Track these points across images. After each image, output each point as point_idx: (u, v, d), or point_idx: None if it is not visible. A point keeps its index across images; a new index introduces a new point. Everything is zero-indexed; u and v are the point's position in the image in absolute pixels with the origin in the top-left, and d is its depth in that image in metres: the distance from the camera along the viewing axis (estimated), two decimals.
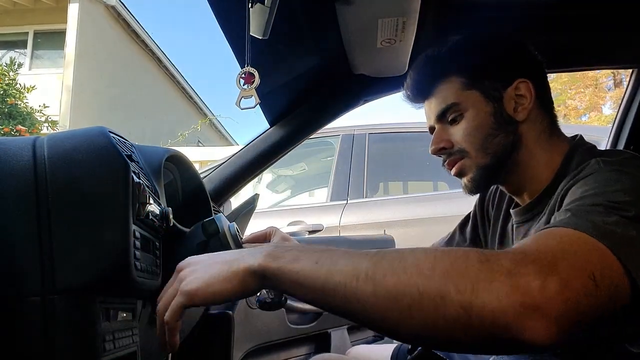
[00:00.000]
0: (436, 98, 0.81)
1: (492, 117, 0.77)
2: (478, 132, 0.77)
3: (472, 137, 0.77)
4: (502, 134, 0.77)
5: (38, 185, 0.57)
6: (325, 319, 1.62)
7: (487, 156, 0.77)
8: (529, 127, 0.78)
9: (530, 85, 0.77)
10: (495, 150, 0.77)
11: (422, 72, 0.83)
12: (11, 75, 6.68)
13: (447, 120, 0.80)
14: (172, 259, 0.79)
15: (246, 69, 0.82)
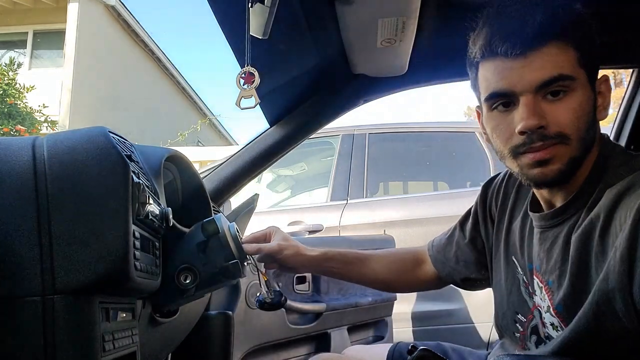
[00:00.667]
0: (545, 59, 0.65)
1: (592, 107, 0.68)
2: (584, 118, 0.66)
3: (579, 122, 0.66)
4: (593, 128, 0.68)
5: (37, 185, 0.57)
6: (325, 319, 1.62)
7: (582, 147, 0.67)
8: (598, 128, 0.70)
9: (609, 83, 0.70)
10: (589, 143, 0.68)
11: (540, 20, 0.65)
12: (10, 75, 6.68)
13: (546, 94, 0.66)
14: (171, 259, 0.79)
15: (246, 68, 0.82)
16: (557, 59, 0.65)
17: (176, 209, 0.79)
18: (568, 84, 0.66)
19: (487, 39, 0.69)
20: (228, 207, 1.47)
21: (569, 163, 0.67)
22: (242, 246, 0.87)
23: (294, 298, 1.58)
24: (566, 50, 0.66)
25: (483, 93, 0.72)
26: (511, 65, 0.66)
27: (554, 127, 0.66)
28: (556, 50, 0.65)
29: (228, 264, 0.80)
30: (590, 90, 0.68)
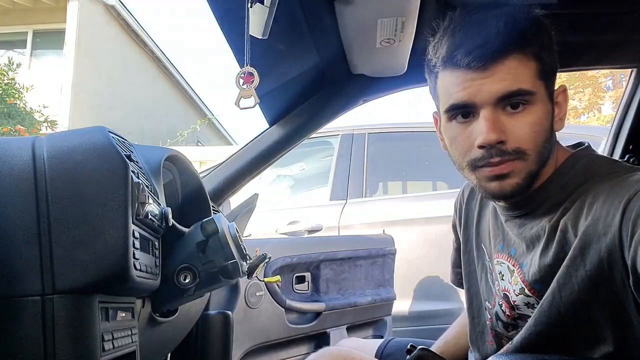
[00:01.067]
0: (505, 72, 0.65)
1: (550, 120, 0.69)
2: (542, 132, 0.67)
3: (537, 137, 0.66)
4: (550, 141, 0.69)
5: (37, 185, 0.58)
6: (324, 318, 1.62)
7: (540, 161, 0.68)
8: (554, 142, 0.71)
9: (567, 92, 0.71)
10: (545, 158, 0.69)
11: (501, 32, 0.65)
12: (10, 75, 6.68)
13: (505, 106, 0.66)
14: (171, 258, 0.79)
15: (245, 68, 0.82)
16: (518, 72, 0.65)
17: (176, 209, 0.80)
18: (528, 98, 0.66)
19: (448, 48, 0.69)
20: (227, 207, 1.47)
21: (527, 178, 0.68)
22: (241, 246, 0.87)
23: (293, 297, 1.58)
24: (527, 62, 0.66)
25: (443, 103, 0.71)
26: (472, 77, 0.66)
27: (513, 143, 0.66)
28: (517, 63, 0.65)
29: (227, 263, 0.81)
30: (548, 103, 0.68)
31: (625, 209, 0.58)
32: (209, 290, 1.04)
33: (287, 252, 1.57)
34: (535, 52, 0.67)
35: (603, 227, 0.60)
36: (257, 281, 1.43)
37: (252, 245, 1.17)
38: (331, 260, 1.68)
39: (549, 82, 0.69)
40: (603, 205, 0.61)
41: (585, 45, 1.24)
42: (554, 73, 0.70)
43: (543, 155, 0.68)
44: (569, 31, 1.17)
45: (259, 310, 1.45)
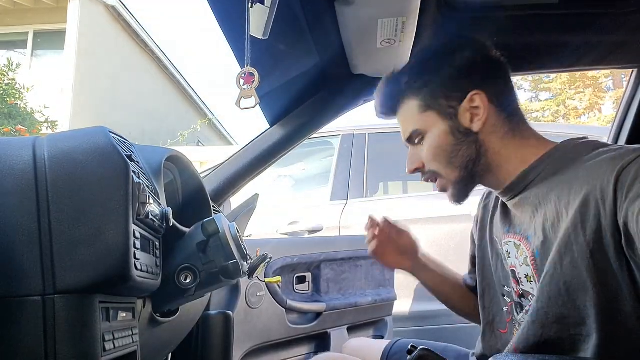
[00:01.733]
0: (400, 121, 0.88)
1: (451, 135, 0.82)
2: (441, 152, 0.82)
3: (437, 157, 0.83)
4: (464, 146, 0.81)
5: (38, 185, 0.58)
6: (324, 319, 1.62)
7: (456, 170, 0.83)
8: (490, 134, 0.82)
9: (484, 95, 0.81)
10: (461, 163, 0.82)
11: (384, 95, 0.89)
12: (11, 75, 6.68)
13: (414, 142, 0.86)
14: (171, 258, 0.79)
15: (246, 69, 0.82)
16: (408, 118, 0.85)
17: (176, 209, 0.80)
18: (419, 132, 0.84)
19: (377, 112, 0.94)
20: (228, 207, 1.47)
21: (456, 185, 0.84)
22: (242, 246, 0.87)
23: (294, 298, 1.58)
24: (410, 104, 0.85)
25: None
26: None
27: (427, 167, 0.86)
28: (405, 110, 0.86)
29: (228, 263, 0.81)
30: (444, 122, 0.82)
31: (619, 174, 0.64)
32: (210, 291, 1.04)
33: (288, 252, 1.57)
34: (415, 92, 0.84)
35: (600, 193, 0.65)
36: (258, 281, 1.43)
37: (253, 246, 1.17)
38: (332, 260, 1.68)
39: (439, 106, 0.82)
40: (597, 173, 0.67)
41: (585, 45, 1.24)
42: (445, 95, 0.82)
43: (456, 163, 0.82)
44: (569, 31, 1.17)
45: (259, 310, 1.45)
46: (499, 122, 0.82)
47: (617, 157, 0.67)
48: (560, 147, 0.79)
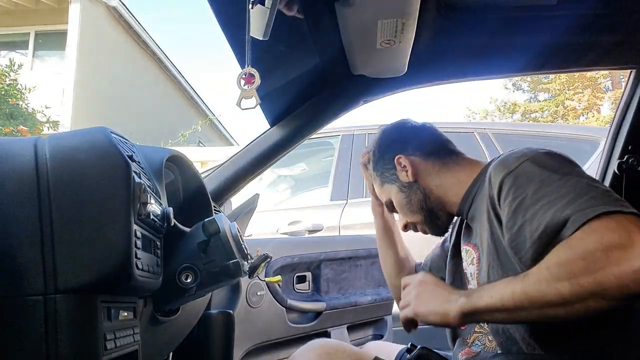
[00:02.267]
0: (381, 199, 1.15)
1: (401, 193, 1.06)
2: (404, 207, 1.07)
3: (405, 212, 1.08)
4: (413, 195, 1.05)
5: (40, 185, 0.58)
6: (325, 318, 1.63)
7: (418, 214, 1.06)
8: (425, 177, 1.04)
9: (403, 156, 1.05)
10: (419, 208, 1.05)
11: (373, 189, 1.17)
12: (12, 75, 6.68)
13: (392, 209, 1.13)
14: (172, 258, 0.80)
15: (246, 69, 0.83)
16: (380, 195, 1.13)
17: (177, 209, 0.80)
18: (389, 204, 1.11)
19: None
20: (229, 207, 1.48)
21: (427, 225, 1.07)
22: (242, 246, 0.88)
23: (294, 297, 1.59)
24: (376, 186, 1.13)
25: None
26: None
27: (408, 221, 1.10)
28: (378, 191, 1.14)
29: (229, 263, 0.81)
30: (395, 186, 1.07)
31: (501, 183, 0.82)
32: (211, 290, 1.05)
33: (288, 252, 1.58)
34: (375, 176, 1.11)
35: (491, 201, 0.85)
36: (258, 281, 1.44)
37: (253, 245, 1.17)
38: (332, 260, 1.69)
39: (387, 178, 1.09)
40: (488, 184, 0.86)
41: (584, 46, 1.24)
42: (386, 170, 1.09)
43: (416, 210, 1.05)
44: (568, 32, 1.17)
45: (260, 309, 1.45)
46: (428, 164, 1.04)
47: (501, 167, 0.84)
48: (488, 164, 0.94)
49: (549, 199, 0.74)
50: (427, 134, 1.10)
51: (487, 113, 16.54)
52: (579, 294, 0.64)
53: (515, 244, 0.77)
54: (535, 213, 0.74)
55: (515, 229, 0.77)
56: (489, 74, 1.42)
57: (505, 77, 12.23)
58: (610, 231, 0.66)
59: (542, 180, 0.77)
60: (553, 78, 14.06)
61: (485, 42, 1.22)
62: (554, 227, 0.71)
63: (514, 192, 0.79)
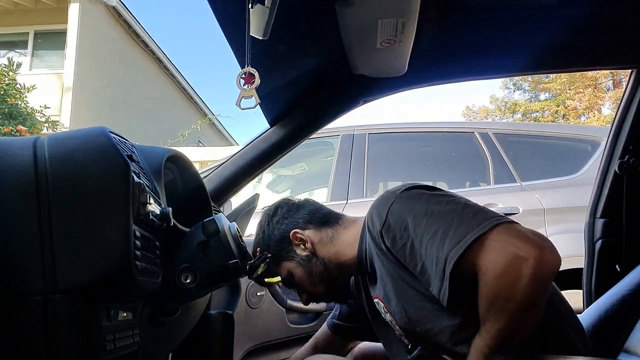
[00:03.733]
0: (276, 276, 1.15)
1: (301, 267, 1.08)
2: (303, 281, 1.09)
3: (307, 285, 1.09)
4: (313, 267, 1.06)
5: (39, 185, 0.58)
6: (325, 318, 1.62)
7: (321, 286, 1.08)
8: (322, 247, 1.07)
9: (299, 230, 1.08)
10: (319, 280, 1.07)
11: (259, 272, 1.13)
12: (11, 75, 6.67)
13: (291, 285, 1.13)
14: (172, 258, 0.79)
15: (246, 69, 0.83)
16: (278, 271, 1.12)
17: (177, 209, 0.80)
18: (286, 279, 1.12)
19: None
20: (228, 207, 1.47)
21: (326, 297, 1.13)
22: (242, 245, 0.88)
23: (294, 298, 1.58)
24: (271, 267, 1.11)
25: None
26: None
27: (310, 294, 1.12)
28: (273, 270, 1.12)
29: (228, 263, 0.81)
30: (291, 262, 1.08)
31: (381, 228, 0.90)
32: (210, 290, 1.04)
33: None
34: (269, 258, 1.08)
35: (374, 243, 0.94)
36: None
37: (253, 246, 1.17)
38: None
39: (284, 256, 1.09)
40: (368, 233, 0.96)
41: (584, 45, 1.24)
42: (279, 248, 1.10)
43: (315, 284, 1.08)
44: (569, 32, 1.17)
45: (259, 310, 1.45)
46: (322, 234, 1.08)
47: (375, 219, 0.91)
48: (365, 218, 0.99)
49: (427, 238, 0.81)
50: (312, 207, 1.14)
51: (488, 113, 16.55)
52: (520, 316, 0.72)
53: (425, 279, 0.84)
54: (425, 252, 0.81)
55: (419, 269, 0.83)
56: (489, 74, 1.42)
57: (505, 77, 12.23)
58: (493, 254, 0.74)
59: (414, 221, 0.84)
60: (554, 78, 14.08)
61: (485, 42, 1.22)
62: (443, 265, 0.78)
63: (399, 241, 0.86)
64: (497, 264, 0.73)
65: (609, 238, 1.44)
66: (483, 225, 0.76)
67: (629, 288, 1.17)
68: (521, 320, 0.73)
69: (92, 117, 8.47)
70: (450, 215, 0.81)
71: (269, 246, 1.11)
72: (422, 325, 0.91)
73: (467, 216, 0.80)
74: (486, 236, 0.76)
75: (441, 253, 0.78)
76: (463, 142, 2.82)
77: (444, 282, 0.78)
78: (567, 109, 14.44)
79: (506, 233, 0.75)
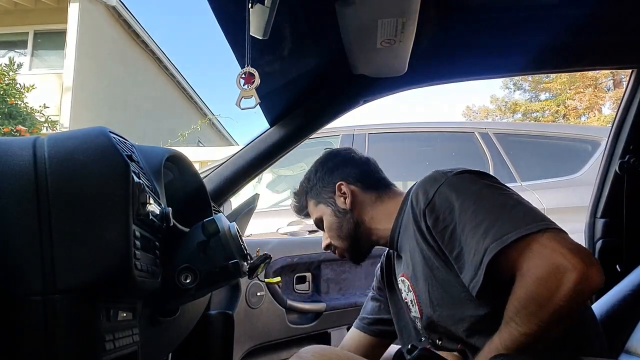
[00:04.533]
0: (310, 214, 1.19)
1: (334, 216, 1.11)
2: (333, 230, 1.12)
3: (332, 233, 1.13)
4: (345, 222, 1.10)
5: (38, 185, 0.58)
6: (325, 318, 1.62)
7: (345, 241, 1.11)
8: (360, 208, 1.10)
9: (345, 184, 1.10)
10: (347, 234, 1.10)
11: (296, 201, 1.22)
12: (11, 75, 6.67)
13: (321, 227, 1.17)
14: (172, 258, 0.79)
15: (246, 69, 0.83)
16: (311, 211, 1.18)
17: (176, 209, 0.80)
18: (319, 220, 1.16)
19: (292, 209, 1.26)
20: (228, 207, 1.47)
21: (350, 252, 1.13)
22: (242, 246, 0.87)
23: (294, 298, 1.58)
24: (309, 203, 1.17)
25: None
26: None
27: (331, 242, 1.15)
28: (310, 207, 1.18)
29: (228, 263, 0.81)
30: (330, 208, 1.12)
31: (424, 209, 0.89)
32: (210, 291, 1.04)
33: (288, 252, 1.58)
34: (309, 195, 1.17)
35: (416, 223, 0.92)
36: (258, 281, 1.43)
37: (253, 245, 1.17)
38: (331, 260, 1.68)
39: (324, 199, 1.13)
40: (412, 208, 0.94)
41: (585, 45, 1.24)
42: (324, 192, 1.13)
43: (342, 236, 1.11)
44: (569, 32, 1.17)
45: (259, 310, 1.45)
46: (365, 196, 1.10)
47: (420, 197, 0.90)
48: (408, 192, 1.00)
49: (471, 226, 0.80)
50: (368, 167, 1.16)
51: (488, 113, 16.55)
52: (548, 325, 0.71)
53: (459, 265, 0.84)
54: (466, 240, 0.81)
55: (455, 253, 0.84)
56: (489, 74, 1.42)
57: (505, 77, 12.24)
58: (538, 257, 0.73)
59: (461, 207, 0.83)
60: (554, 78, 14.09)
61: (485, 42, 1.22)
62: (481, 255, 0.77)
63: (441, 223, 0.86)
64: (540, 268, 0.72)
65: (609, 238, 1.44)
66: (531, 226, 0.75)
67: (630, 288, 1.17)
68: (547, 329, 0.72)
69: (92, 117, 8.46)
70: (499, 209, 0.80)
71: (315, 184, 1.15)
72: (442, 310, 0.91)
73: (516, 213, 0.79)
74: (533, 238, 0.74)
75: (481, 244, 0.77)
76: (463, 142, 2.82)
77: (478, 272, 0.77)
78: (567, 109, 14.45)
79: (555, 240, 0.74)
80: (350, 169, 1.14)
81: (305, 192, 1.17)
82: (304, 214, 1.22)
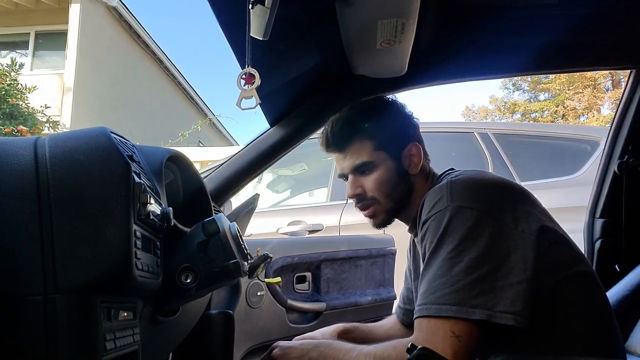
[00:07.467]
0: (351, 154, 1.03)
1: (395, 172, 1.02)
2: (386, 184, 1.01)
3: (382, 187, 1.01)
4: (402, 184, 1.02)
5: (40, 185, 0.58)
6: (325, 318, 1.63)
7: (392, 202, 1.02)
8: (419, 177, 1.04)
9: (419, 147, 1.03)
10: (397, 197, 1.02)
11: (341, 130, 1.04)
12: (12, 75, 6.68)
13: (362, 172, 1.03)
14: (172, 258, 0.80)
15: (247, 69, 0.83)
16: (359, 151, 1.01)
17: (177, 209, 0.80)
18: (371, 165, 1.01)
19: (321, 142, 1.09)
20: (229, 207, 1.48)
21: (387, 214, 1.03)
22: (242, 246, 0.88)
23: (294, 297, 1.59)
24: (364, 143, 1.02)
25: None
26: (337, 157, 1.06)
27: (368, 193, 1.02)
28: (358, 145, 1.02)
29: (228, 263, 0.81)
30: (392, 162, 1.01)
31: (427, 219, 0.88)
32: (210, 290, 1.04)
33: (288, 252, 1.58)
34: (370, 134, 1.01)
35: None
36: (258, 281, 1.44)
37: (253, 245, 1.17)
38: (332, 260, 1.69)
39: (389, 148, 1.01)
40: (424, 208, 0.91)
41: (584, 45, 1.25)
42: (394, 141, 1.02)
43: (393, 196, 1.02)
44: (569, 32, 1.17)
45: (260, 310, 1.45)
46: (426, 168, 1.06)
47: (425, 208, 0.89)
48: (432, 186, 0.97)
49: (430, 275, 0.82)
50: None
51: (487, 113, 16.54)
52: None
53: (415, 286, 0.92)
54: (425, 276, 0.84)
55: (420, 278, 0.86)
56: (489, 74, 1.42)
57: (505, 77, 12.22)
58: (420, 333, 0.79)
59: (435, 247, 0.84)
60: (553, 78, 14.08)
61: (485, 42, 1.22)
62: (419, 304, 0.83)
63: (424, 243, 0.87)
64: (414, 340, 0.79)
65: (608, 238, 1.44)
66: (445, 308, 0.79)
67: (629, 288, 1.17)
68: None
69: (93, 117, 8.47)
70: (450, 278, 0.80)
71: (382, 129, 1.02)
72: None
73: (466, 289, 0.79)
74: (436, 319, 0.79)
75: (424, 297, 0.82)
76: (462, 142, 2.82)
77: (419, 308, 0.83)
78: (566, 109, 14.45)
79: (445, 331, 0.78)
80: (419, 134, 1.06)
81: (361, 130, 1.02)
82: (335, 149, 1.05)
